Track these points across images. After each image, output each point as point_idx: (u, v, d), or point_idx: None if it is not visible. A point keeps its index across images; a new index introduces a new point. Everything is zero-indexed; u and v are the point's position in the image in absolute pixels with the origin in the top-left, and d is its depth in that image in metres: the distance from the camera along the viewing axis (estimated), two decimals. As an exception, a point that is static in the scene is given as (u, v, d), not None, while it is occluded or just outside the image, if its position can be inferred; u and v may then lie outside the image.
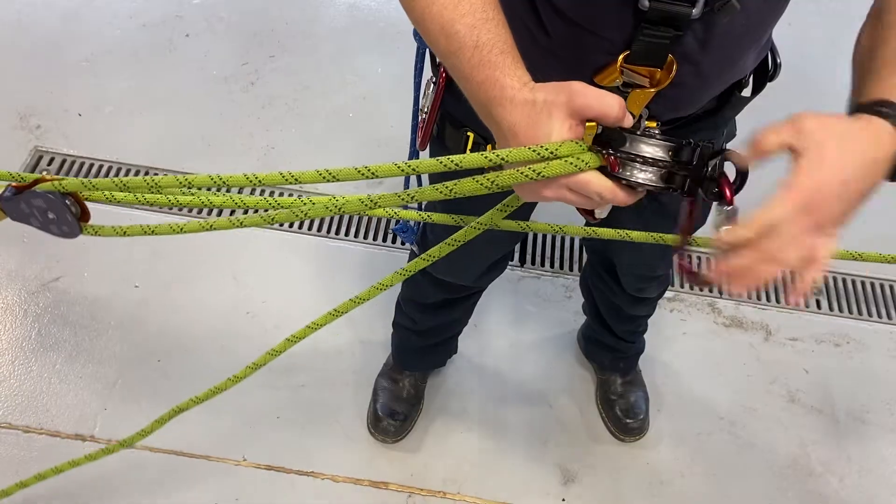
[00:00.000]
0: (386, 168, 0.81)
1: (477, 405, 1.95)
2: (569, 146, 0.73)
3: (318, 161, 2.41)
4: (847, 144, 0.70)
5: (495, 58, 0.78)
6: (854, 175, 0.70)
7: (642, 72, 0.88)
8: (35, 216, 0.98)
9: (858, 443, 1.96)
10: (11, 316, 2.01)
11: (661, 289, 1.69)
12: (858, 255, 1.08)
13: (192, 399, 1.35)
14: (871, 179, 0.72)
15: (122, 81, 2.58)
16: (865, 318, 2.20)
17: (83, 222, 0.99)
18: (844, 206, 0.71)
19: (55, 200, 0.95)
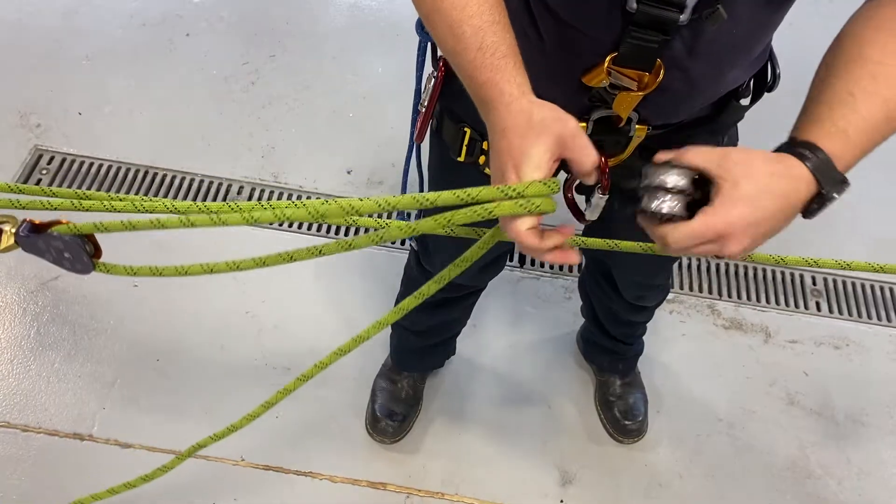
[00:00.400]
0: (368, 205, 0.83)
1: (475, 406, 1.95)
2: (536, 187, 0.75)
3: (319, 161, 2.43)
4: (764, 188, 0.74)
5: (497, 61, 0.80)
6: (764, 217, 0.74)
7: (630, 74, 0.88)
8: (50, 252, 1.00)
9: (857, 445, 1.96)
10: (10, 315, 2.01)
11: (660, 298, 1.69)
12: (847, 265, 1.08)
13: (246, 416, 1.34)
14: (780, 222, 0.76)
15: (123, 80, 2.58)
16: (865, 321, 2.20)
17: (96, 258, 1.01)
18: (750, 241, 0.75)
19: (72, 243, 0.97)
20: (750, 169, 0.73)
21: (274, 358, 1.98)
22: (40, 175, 2.30)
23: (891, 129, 0.81)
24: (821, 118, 0.79)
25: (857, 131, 0.78)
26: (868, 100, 0.78)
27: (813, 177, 0.76)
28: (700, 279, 2.26)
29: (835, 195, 0.78)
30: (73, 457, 1.78)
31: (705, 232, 0.73)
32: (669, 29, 0.84)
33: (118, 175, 2.32)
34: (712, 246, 0.75)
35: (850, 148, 0.78)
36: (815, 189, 0.77)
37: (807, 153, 0.76)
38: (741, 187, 0.73)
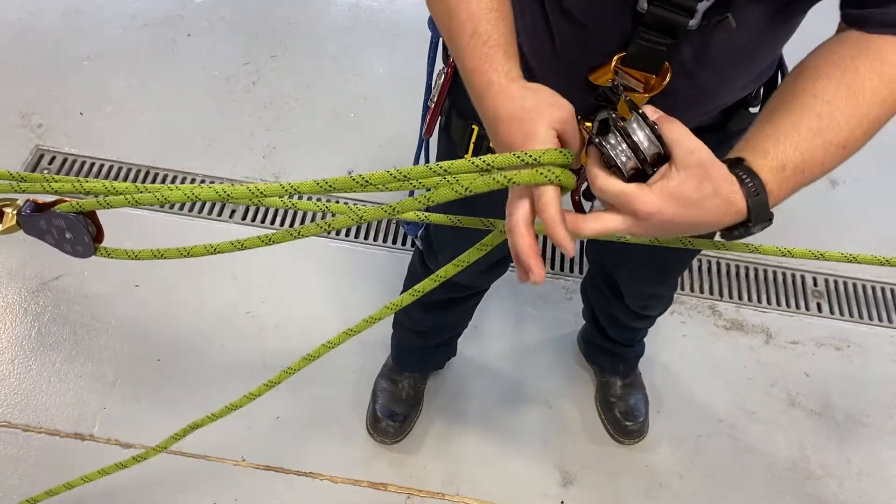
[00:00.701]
0: (378, 175, 0.82)
1: (476, 406, 1.95)
2: (552, 154, 0.74)
3: (320, 161, 2.43)
4: (701, 200, 0.72)
5: (488, 50, 0.81)
6: (684, 223, 0.73)
7: (637, 76, 0.88)
8: (52, 234, 0.99)
9: (858, 446, 1.96)
10: (11, 314, 2.01)
11: (664, 307, 1.69)
12: (853, 258, 1.08)
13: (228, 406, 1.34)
14: (691, 231, 0.76)
15: (124, 80, 2.58)
16: (866, 322, 2.20)
17: (97, 242, 1.00)
18: (657, 232, 0.75)
19: (75, 221, 0.97)
20: (704, 176, 0.72)
21: (274, 358, 1.98)
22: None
23: (822, 172, 0.80)
24: (766, 150, 0.77)
25: (794, 170, 0.77)
26: (810, 139, 0.77)
27: (747, 211, 0.75)
28: (701, 280, 2.26)
29: (757, 229, 0.78)
30: (74, 457, 1.78)
31: (631, 202, 0.72)
32: (678, 33, 0.84)
33: (119, 175, 2.32)
34: (622, 220, 0.74)
35: (784, 185, 0.77)
36: (741, 219, 0.76)
37: (751, 186, 0.75)
38: (685, 187, 0.72)
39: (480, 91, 0.81)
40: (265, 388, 1.26)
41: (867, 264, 1.07)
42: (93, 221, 0.99)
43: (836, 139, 0.78)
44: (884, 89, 0.78)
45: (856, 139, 0.79)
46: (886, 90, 0.79)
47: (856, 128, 0.78)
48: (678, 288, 2.19)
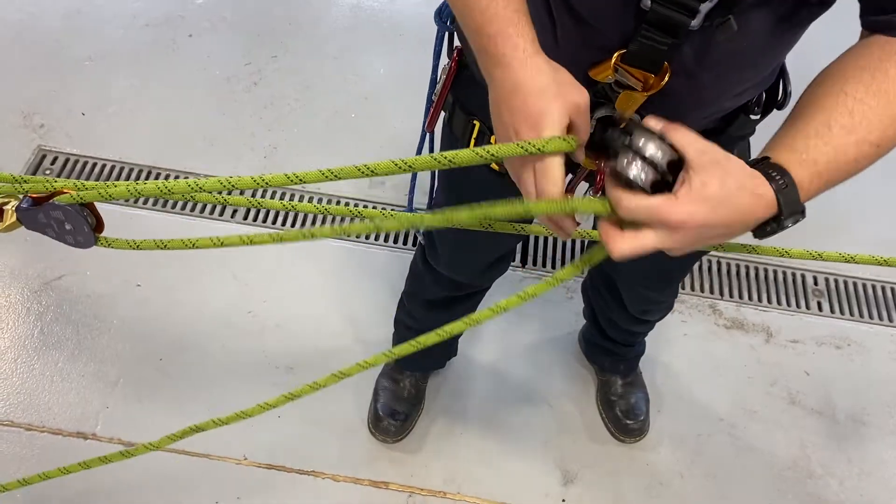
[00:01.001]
0: (384, 165, 0.83)
1: (478, 405, 1.95)
2: (556, 143, 0.76)
3: (321, 161, 2.41)
4: (728, 197, 0.73)
5: (511, 14, 0.80)
6: (718, 225, 0.73)
7: (636, 74, 0.89)
8: (52, 227, 1.00)
9: (859, 445, 1.96)
10: (14, 314, 2.01)
11: (664, 313, 1.69)
12: (851, 258, 1.08)
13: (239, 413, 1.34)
14: (728, 234, 0.76)
15: (125, 81, 2.59)
16: (866, 321, 2.20)
17: (97, 233, 1.01)
18: (693, 241, 0.75)
19: (73, 212, 0.97)
20: (725, 173, 0.73)
21: (276, 357, 1.98)
22: (44, 175, 2.31)
23: (856, 169, 0.81)
24: (795, 146, 0.79)
25: (827, 165, 0.78)
26: (842, 136, 0.78)
27: (776, 201, 0.76)
28: (701, 279, 2.26)
29: (790, 223, 0.78)
30: (77, 456, 1.77)
31: (660, 214, 0.72)
32: (680, 32, 0.84)
33: (121, 175, 2.33)
34: (656, 235, 0.74)
35: (817, 180, 0.78)
36: (774, 213, 0.77)
37: (777, 176, 0.76)
38: (709, 188, 0.72)
39: (503, 57, 0.79)
40: (284, 399, 1.26)
41: (865, 264, 1.07)
42: (92, 212, 0.99)
43: (870, 137, 0.78)
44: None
45: (889, 138, 0.80)
46: None
47: (889, 126, 0.79)
48: (681, 287, 2.21)
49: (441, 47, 1.23)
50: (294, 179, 0.87)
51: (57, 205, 0.97)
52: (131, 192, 0.92)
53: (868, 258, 1.09)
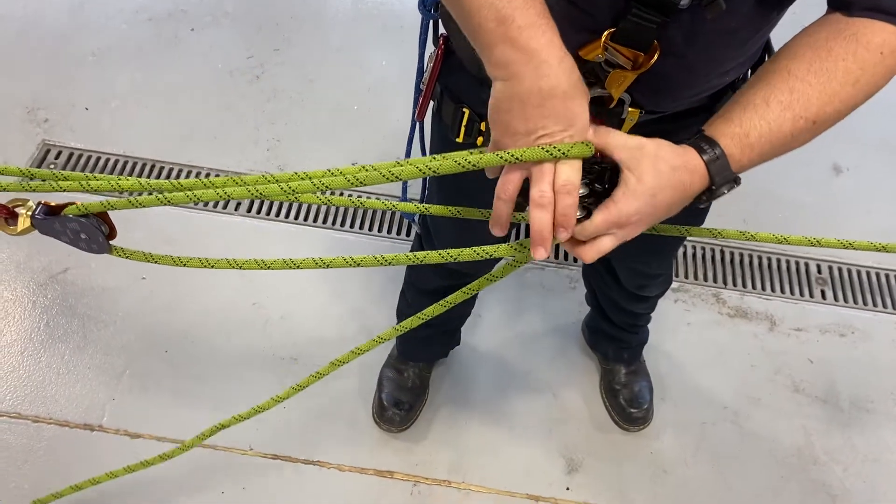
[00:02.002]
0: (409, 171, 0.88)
1: (481, 395, 1.96)
2: (580, 148, 0.79)
3: (323, 154, 2.44)
4: (665, 183, 0.80)
5: (540, 5, 0.79)
6: (660, 208, 0.82)
7: (626, 53, 0.89)
8: (66, 234, 1.02)
9: (863, 432, 1.96)
10: (20, 307, 2.03)
11: (662, 288, 1.69)
12: (850, 244, 1.09)
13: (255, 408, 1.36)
14: (672, 209, 0.83)
15: (129, 75, 2.60)
16: (870, 308, 2.20)
17: (110, 239, 1.04)
18: (645, 226, 0.83)
19: (88, 224, 1.00)
20: (656, 161, 0.80)
21: (281, 348, 1.99)
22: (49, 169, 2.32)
23: (793, 144, 0.85)
24: (731, 118, 0.84)
25: (759, 138, 0.83)
26: (778, 111, 0.82)
27: (707, 172, 0.82)
28: (705, 268, 2.26)
29: (724, 191, 0.84)
30: (84, 447, 1.80)
31: (607, 225, 0.81)
32: (670, 10, 0.85)
33: (125, 169, 2.34)
34: (611, 237, 0.82)
35: (748, 151, 0.83)
36: (707, 183, 0.83)
37: (707, 148, 0.82)
38: (644, 181, 0.79)
39: (535, 53, 0.76)
40: (293, 391, 1.28)
41: (863, 250, 1.08)
42: (105, 221, 1.02)
43: (806, 114, 0.83)
44: (857, 70, 0.82)
45: (826, 115, 0.83)
46: (860, 70, 0.82)
47: (826, 104, 0.83)
48: (685, 276, 2.22)
49: (426, 36, 1.23)
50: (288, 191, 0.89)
51: (72, 217, 0.99)
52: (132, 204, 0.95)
53: (867, 244, 1.09)
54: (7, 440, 1.80)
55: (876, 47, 0.82)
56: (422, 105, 1.23)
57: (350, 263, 0.95)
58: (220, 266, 1.03)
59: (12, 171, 1.06)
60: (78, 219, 0.99)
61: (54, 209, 0.99)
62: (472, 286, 1.08)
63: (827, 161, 2.54)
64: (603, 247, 0.83)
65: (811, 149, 0.88)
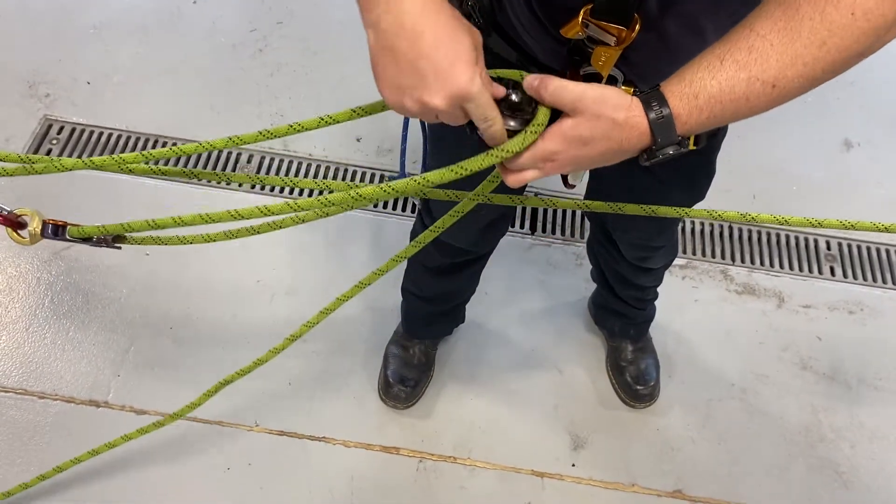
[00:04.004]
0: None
1: (487, 372, 1.95)
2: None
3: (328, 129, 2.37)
4: (602, 133, 0.78)
5: None
6: (591, 155, 0.79)
7: (609, 29, 0.87)
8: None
9: (871, 409, 1.95)
10: (24, 284, 2.02)
11: (666, 259, 1.67)
12: (851, 225, 1.07)
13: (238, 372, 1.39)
14: (603, 160, 0.81)
15: (131, 49, 2.57)
16: (879, 285, 2.18)
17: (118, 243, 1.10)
18: (569, 169, 0.82)
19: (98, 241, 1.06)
20: (600, 111, 0.76)
21: (287, 325, 1.97)
22: (50, 145, 2.30)
23: (750, 108, 0.78)
24: (685, 76, 0.78)
25: (709, 100, 0.77)
26: (732, 72, 0.76)
27: (650, 130, 0.78)
28: (713, 245, 2.24)
29: (669, 151, 0.79)
30: (90, 423, 1.81)
31: (532, 159, 0.79)
32: None
33: (128, 144, 2.32)
34: (538, 172, 0.81)
35: (696, 114, 0.77)
36: (648, 142, 0.79)
37: (655, 105, 0.77)
38: (579, 129, 0.77)
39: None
40: (289, 341, 1.30)
41: (865, 231, 1.05)
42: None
43: (764, 76, 0.76)
44: (823, 31, 0.74)
45: (788, 79, 0.76)
46: (826, 32, 0.74)
47: (787, 66, 0.76)
48: (692, 253, 2.20)
49: None
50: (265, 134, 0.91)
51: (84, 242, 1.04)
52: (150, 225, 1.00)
53: (868, 225, 1.07)
54: (13, 416, 1.80)
55: (846, 7, 0.74)
56: None
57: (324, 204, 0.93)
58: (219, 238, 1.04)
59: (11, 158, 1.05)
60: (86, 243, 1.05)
61: (61, 226, 1.04)
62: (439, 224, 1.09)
63: (838, 136, 2.51)
64: (525, 177, 0.82)
65: (822, 124, 0.87)
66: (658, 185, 1.26)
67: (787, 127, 2.48)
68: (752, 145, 2.39)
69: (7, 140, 2.29)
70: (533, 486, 1.79)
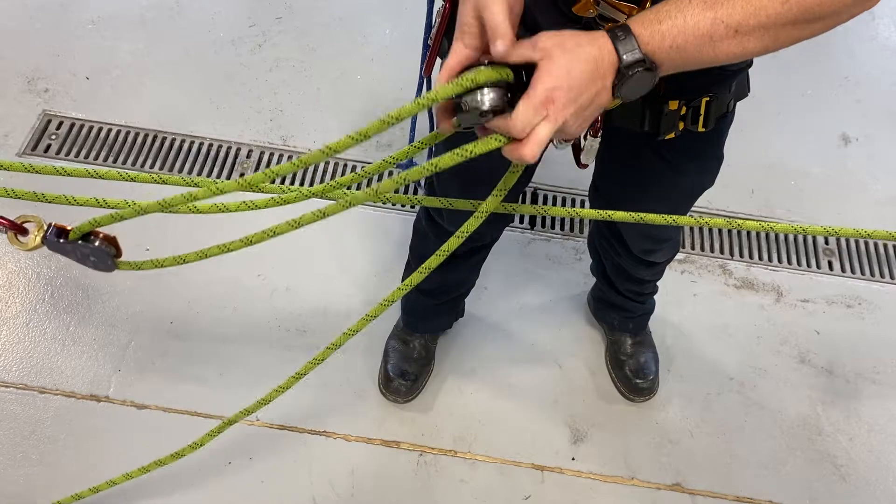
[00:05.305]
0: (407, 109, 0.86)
1: (487, 366, 1.96)
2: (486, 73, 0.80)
3: (326, 124, 2.42)
4: (573, 57, 0.78)
5: None
6: (579, 82, 0.79)
7: (621, 7, 0.89)
8: (75, 254, 1.05)
9: (868, 403, 1.96)
10: (24, 279, 2.02)
11: (669, 254, 1.68)
12: (835, 232, 1.08)
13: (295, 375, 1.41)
14: (594, 87, 0.80)
15: (129, 44, 2.56)
16: (877, 280, 2.19)
17: (117, 258, 1.08)
18: (574, 106, 0.80)
19: (99, 250, 1.03)
20: (561, 41, 0.78)
21: (287, 320, 1.99)
22: (49, 140, 2.30)
23: (713, 49, 0.82)
24: (649, 10, 0.82)
25: (671, 28, 0.80)
26: (699, 9, 0.80)
27: (613, 47, 0.80)
28: (711, 239, 2.25)
29: (638, 70, 0.81)
30: (91, 418, 1.81)
31: (532, 108, 0.78)
32: None
33: (127, 139, 2.32)
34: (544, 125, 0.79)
35: (658, 37, 0.80)
36: (615, 59, 0.80)
37: (617, 31, 0.81)
38: (554, 59, 0.78)
39: None
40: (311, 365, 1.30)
41: (848, 237, 1.07)
42: (113, 244, 1.06)
43: (728, 20, 0.80)
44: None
45: (749, 28, 0.80)
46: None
47: (750, 15, 0.80)
48: (691, 248, 2.21)
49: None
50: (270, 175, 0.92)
51: (87, 244, 1.02)
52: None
53: (851, 231, 1.09)
54: (14, 411, 1.80)
55: None
56: (429, 60, 1.22)
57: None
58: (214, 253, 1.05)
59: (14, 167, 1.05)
60: (89, 244, 1.02)
61: (65, 232, 1.02)
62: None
63: (836, 131, 2.51)
64: (540, 136, 0.80)
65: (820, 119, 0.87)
66: (670, 171, 1.26)
67: (785, 122, 2.49)
68: (750, 140, 2.40)
69: (6, 135, 2.29)
70: (533, 480, 1.80)
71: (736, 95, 1.20)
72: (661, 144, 1.17)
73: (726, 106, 1.18)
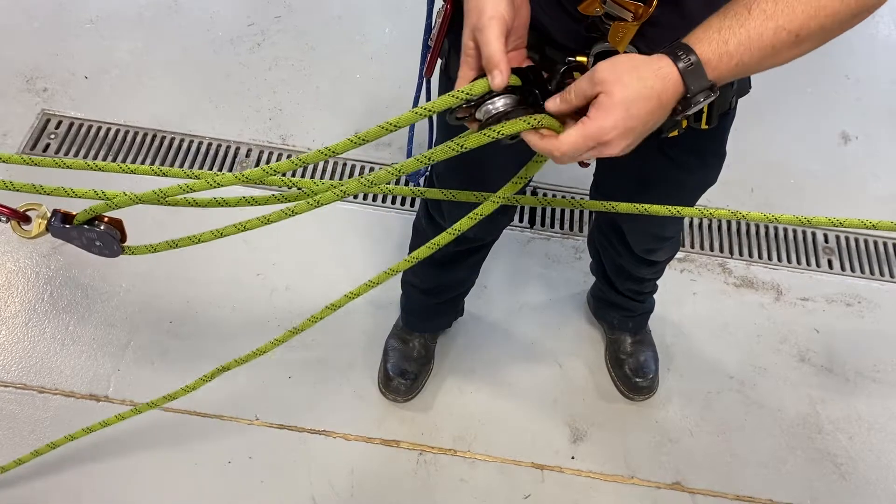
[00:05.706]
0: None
1: (487, 365, 1.96)
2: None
3: (325, 122, 2.41)
4: (635, 94, 0.78)
5: None
6: (638, 120, 0.79)
7: (628, 5, 0.88)
8: (80, 240, 1.05)
9: (868, 401, 1.96)
10: (24, 279, 2.02)
11: (670, 253, 1.67)
12: (839, 223, 1.08)
13: (236, 360, 1.39)
14: (652, 122, 0.81)
15: (128, 43, 2.56)
16: (877, 278, 2.19)
17: (122, 243, 1.07)
18: (627, 142, 0.81)
19: (105, 233, 1.03)
20: (619, 77, 0.78)
21: (286, 319, 1.99)
22: (48, 140, 2.30)
23: (775, 57, 0.82)
24: (711, 25, 0.81)
25: (738, 46, 0.79)
26: (760, 20, 0.79)
27: (681, 78, 0.79)
28: (711, 238, 2.25)
29: (700, 99, 0.80)
30: (90, 417, 1.78)
31: (586, 140, 0.79)
32: None
33: (126, 139, 2.32)
34: (594, 151, 0.81)
35: (726, 60, 0.80)
36: (681, 90, 0.80)
37: (681, 54, 0.79)
38: (615, 95, 0.77)
39: None
40: (290, 334, 1.30)
41: (853, 228, 1.07)
42: (118, 228, 1.06)
43: (790, 25, 0.79)
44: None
45: (810, 30, 0.80)
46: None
47: (811, 17, 0.79)
48: (691, 246, 2.21)
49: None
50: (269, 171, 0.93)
51: (91, 228, 1.02)
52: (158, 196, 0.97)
53: (857, 222, 1.09)
54: (13, 411, 1.80)
55: None
56: (430, 62, 1.22)
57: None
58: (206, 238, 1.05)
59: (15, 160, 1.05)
60: (95, 229, 1.02)
61: (70, 217, 1.01)
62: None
63: (835, 129, 2.51)
64: (581, 157, 0.83)
65: (820, 117, 0.88)
66: (673, 169, 1.26)
67: (785, 120, 2.49)
68: (750, 139, 2.40)
69: (5, 135, 2.29)
70: (533, 479, 1.80)
71: (738, 92, 1.20)
72: (664, 142, 1.17)
73: (728, 103, 1.18)
